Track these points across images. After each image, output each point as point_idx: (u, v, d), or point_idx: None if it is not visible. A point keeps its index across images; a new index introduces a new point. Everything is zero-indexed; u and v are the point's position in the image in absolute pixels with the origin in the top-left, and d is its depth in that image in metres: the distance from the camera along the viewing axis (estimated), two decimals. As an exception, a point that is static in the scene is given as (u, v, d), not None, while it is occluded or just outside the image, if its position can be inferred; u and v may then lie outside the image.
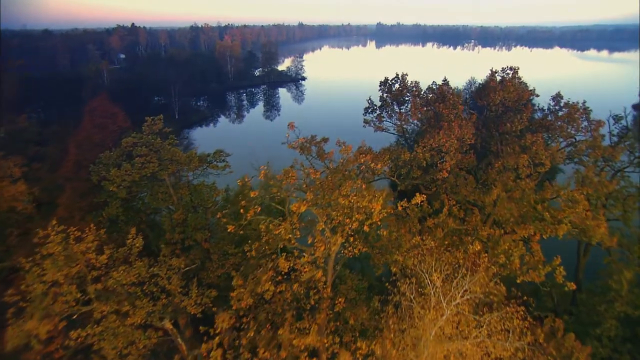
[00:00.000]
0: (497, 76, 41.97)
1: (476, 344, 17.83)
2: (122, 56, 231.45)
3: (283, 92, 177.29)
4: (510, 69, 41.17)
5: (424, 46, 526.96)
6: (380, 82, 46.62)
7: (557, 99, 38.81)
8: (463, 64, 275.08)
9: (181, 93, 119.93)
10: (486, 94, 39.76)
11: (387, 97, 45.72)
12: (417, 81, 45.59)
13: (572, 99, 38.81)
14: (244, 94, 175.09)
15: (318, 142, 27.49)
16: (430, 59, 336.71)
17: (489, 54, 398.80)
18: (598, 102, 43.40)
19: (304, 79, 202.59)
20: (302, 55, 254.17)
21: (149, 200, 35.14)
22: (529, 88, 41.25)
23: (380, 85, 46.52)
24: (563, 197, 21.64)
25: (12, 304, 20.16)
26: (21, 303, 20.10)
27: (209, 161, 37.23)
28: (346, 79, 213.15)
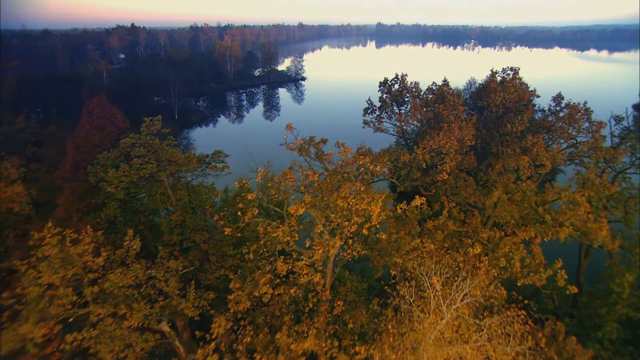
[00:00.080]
0: (497, 77, 41.69)
1: (476, 348, 17.63)
2: (122, 56, 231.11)
3: (283, 92, 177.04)
4: (511, 69, 40.90)
5: (424, 46, 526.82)
6: (379, 83, 46.37)
7: (558, 99, 38.55)
8: (463, 64, 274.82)
9: (181, 93, 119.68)
10: (486, 94, 39.53)
11: (386, 97, 45.49)
12: (417, 82, 45.36)
13: (572, 99, 38.57)
14: (244, 94, 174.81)
15: (317, 143, 27.23)
16: (430, 59, 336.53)
17: (489, 54, 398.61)
18: (598, 103, 43.25)
19: (303, 79, 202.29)
20: (302, 55, 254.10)
21: (147, 202, 34.99)
22: (530, 89, 41.01)
23: (379, 86, 46.27)
24: (564, 199, 21.41)
25: (8, 306, 19.95)
26: (17, 306, 19.91)
27: (207, 162, 37.08)
28: (346, 79, 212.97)
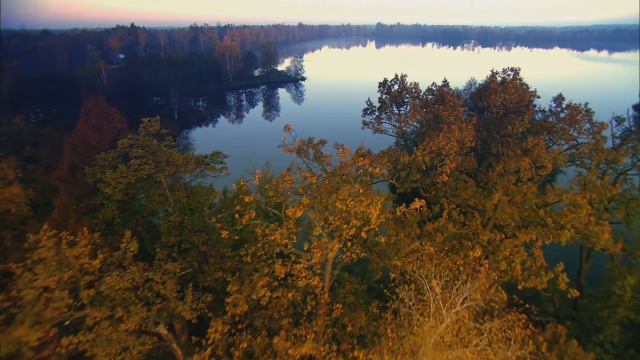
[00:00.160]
0: (497, 77, 41.48)
1: (476, 352, 17.41)
2: (122, 56, 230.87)
3: (282, 93, 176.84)
4: (511, 70, 40.69)
5: (424, 46, 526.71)
6: (379, 83, 46.16)
7: (559, 100, 38.33)
8: (463, 64, 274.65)
9: (180, 93, 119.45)
10: (487, 95, 39.31)
11: (386, 98, 45.29)
12: (417, 82, 45.15)
13: (572, 100, 38.35)
14: (244, 94, 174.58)
15: (315, 144, 27.00)
16: (430, 59, 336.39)
17: (489, 54, 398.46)
18: (598, 103, 43.05)
19: (303, 79, 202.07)
20: (302, 56, 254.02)
21: (145, 203, 34.78)
22: (530, 89, 40.79)
23: (379, 87, 46.06)
24: (565, 201, 21.18)
25: (3, 310, 19.72)
26: (12, 309, 19.67)
27: (206, 163, 36.89)
28: (346, 79, 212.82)
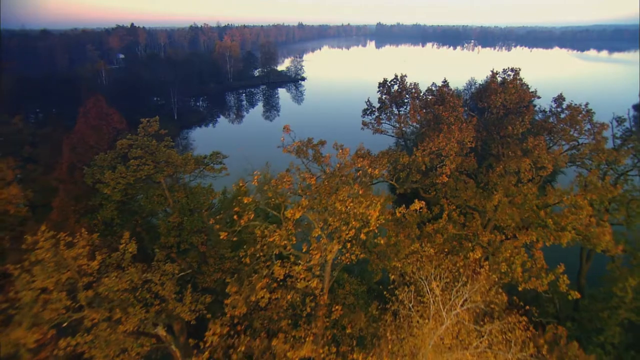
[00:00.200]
0: (497, 77, 41.35)
1: (477, 354, 17.31)
2: (121, 56, 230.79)
3: (282, 93, 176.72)
4: (512, 70, 40.54)
5: (424, 46, 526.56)
6: (378, 84, 46.01)
7: (559, 100, 38.18)
8: (463, 64, 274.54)
9: (180, 93, 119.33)
10: (487, 96, 39.16)
11: (385, 98, 45.15)
12: (417, 83, 45.01)
13: (572, 100, 38.20)
14: (243, 94, 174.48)
15: (315, 145, 26.88)
16: (430, 59, 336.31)
17: (489, 54, 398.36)
18: (598, 103, 42.98)
19: (303, 79, 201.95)
20: (302, 56, 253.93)
21: (144, 203, 34.65)
22: (530, 89, 40.67)
23: (378, 87, 45.91)
24: (566, 202, 21.05)
25: (1, 311, 19.62)
26: (10, 310, 19.56)
27: (205, 163, 36.80)
28: (346, 79, 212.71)
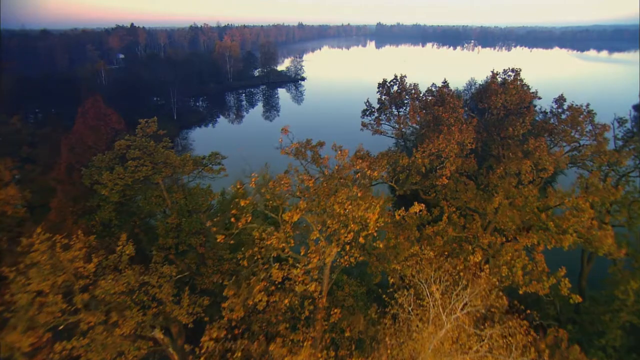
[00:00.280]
0: (498, 78, 41.09)
1: (477, 358, 17.11)
2: (121, 56, 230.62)
3: (282, 93, 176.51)
4: (512, 70, 40.28)
5: (424, 46, 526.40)
6: (378, 84, 45.76)
7: (560, 101, 37.93)
8: (463, 64, 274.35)
9: (180, 93, 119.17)
10: (487, 96, 38.90)
11: (385, 99, 44.91)
12: (416, 83, 44.77)
13: (572, 100, 37.96)
14: (243, 95, 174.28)
15: (313, 146, 26.64)
16: (430, 59, 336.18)
17: (489, 54, 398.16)
18: (598, 103, 42.73)
19: (303, 79, 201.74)
20: (302, 56, 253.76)
21: (142, 204, 34.43)
22: (531, 90, 40.43)
23: (378, 87, 45.65)
24: (567, 204, 20.82)
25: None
26: (5, 314, 19.36)
27: (204, 164, 36.61)
28: (346, 79, 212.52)
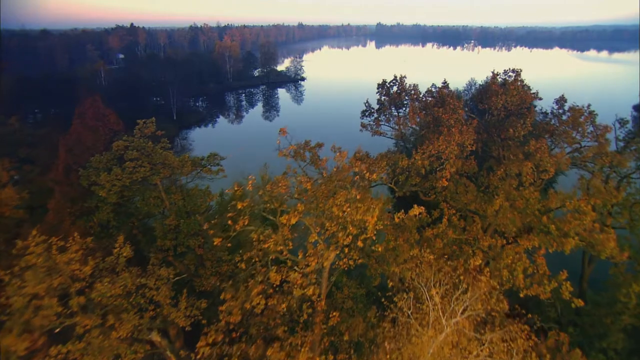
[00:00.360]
0: (498, 79, 40.83)
1: (477, 363, 16.90)
2: (121, 56, 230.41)
3: (282, 93, 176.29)
4: (513, 71, 40.01)
5: (424, 46, 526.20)
6: (377, 85, 45.50)
7: (561, 102, 37.70)
8: (463, 64, 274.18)
9: (179, 93, 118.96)
10: (488, 97, 38.62)
11: (384, 100, 44.65)
12: (416, 84, 44.51)
13: (572, 100, 37.75)
14: (243, 95, 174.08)
15: (312, 147, 26.43)
16: (430, 59, 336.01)
17: (489, 54, 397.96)
18: (598, 103, 42.54)
19: (303, 79, 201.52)
20: (302, 56, 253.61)
21: (140, 206, 34.22)
22: (532, 91, 40.18)
23: (377, 88, 45.39)
24: (569, 207, 20.59)
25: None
26: (1, 317, 19.18)
27: (202, 165, 36.40)
28: (346, 79, 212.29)
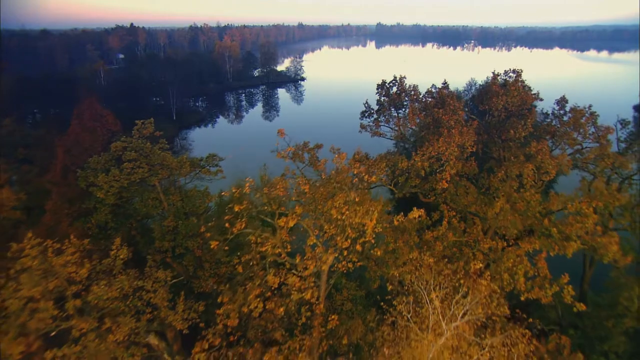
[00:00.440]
0: (499, 79, 40.58)
1: (478, 367, 16.67)
2: (121, 56, 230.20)
3: (282, 93, 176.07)
4: (513, 71, 39.75)
5: (424, 46, 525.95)
6: (377, 85, 45.23)
7: (562, 103, 37.46)
8: (463, 64, 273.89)
9: (179, 93, 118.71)
10: (488, 98, 38.33)
11: (384, 101, 44.39)
12: (416, 84, 44.23)
13: (573, 100, 37.54)
14: (243, 95, 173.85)
15: (311, 149, 26.18)
16: (430, 60, 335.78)
17: (489, 54, 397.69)
18: (598, 103, 42.36)
19: (303, 79, 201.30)
20: (302, 56, 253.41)
21: (139, 207, 34.03)
22: (532, 91, 39.92)
23: (377, 89, 45.12)
24: (570, 209, 20.34)
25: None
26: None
27: (201, 166, 36.23)
28: (346, 79, 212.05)
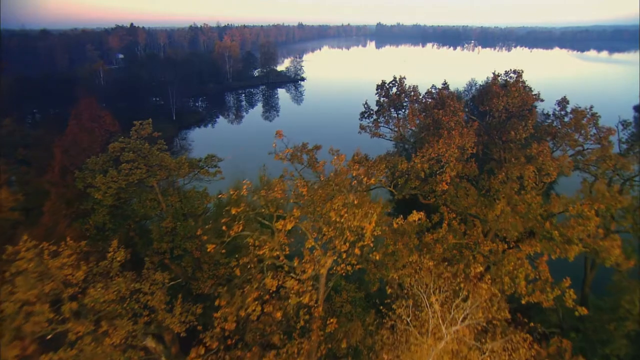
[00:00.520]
0: (499, 80, 40.31)
1: (478, 372, 16.46)
2: (121, 56, 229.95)
3: (282, 93, 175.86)
4: (514, 72, 39.47)
5: (424, 46, 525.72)
6: (377, 86, 45.00)
7: (563, 103, 37.21)
8: (463, 64, 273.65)
9: (179, 93, 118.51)
10: (488, 99, 38.04)
11: (384, 101, 44.17)
12: (416, 85, 43.99)
13: (573, 100, 37.28)
14: (243, 95, 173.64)
15: (310, 150, 25.95)
16: (430, 60, 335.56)
17: (489, 54, 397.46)
18: (598, 103, 42.19)
19: (303, 79, 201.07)
20: (302, 56, 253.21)
21: (137, 208, 33.84)
22: (533, 92, 39.65)
23: (377, 89, 44.89)
24: (572, 211, 20.11)
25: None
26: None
27: (200, 167, 36.04)
28: (346, 79, 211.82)
